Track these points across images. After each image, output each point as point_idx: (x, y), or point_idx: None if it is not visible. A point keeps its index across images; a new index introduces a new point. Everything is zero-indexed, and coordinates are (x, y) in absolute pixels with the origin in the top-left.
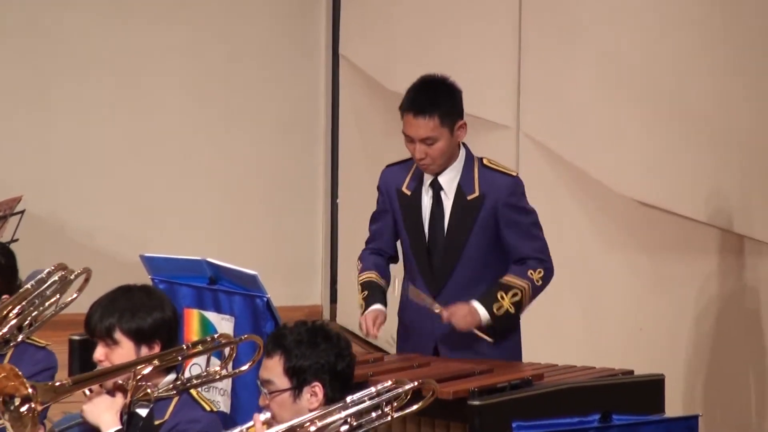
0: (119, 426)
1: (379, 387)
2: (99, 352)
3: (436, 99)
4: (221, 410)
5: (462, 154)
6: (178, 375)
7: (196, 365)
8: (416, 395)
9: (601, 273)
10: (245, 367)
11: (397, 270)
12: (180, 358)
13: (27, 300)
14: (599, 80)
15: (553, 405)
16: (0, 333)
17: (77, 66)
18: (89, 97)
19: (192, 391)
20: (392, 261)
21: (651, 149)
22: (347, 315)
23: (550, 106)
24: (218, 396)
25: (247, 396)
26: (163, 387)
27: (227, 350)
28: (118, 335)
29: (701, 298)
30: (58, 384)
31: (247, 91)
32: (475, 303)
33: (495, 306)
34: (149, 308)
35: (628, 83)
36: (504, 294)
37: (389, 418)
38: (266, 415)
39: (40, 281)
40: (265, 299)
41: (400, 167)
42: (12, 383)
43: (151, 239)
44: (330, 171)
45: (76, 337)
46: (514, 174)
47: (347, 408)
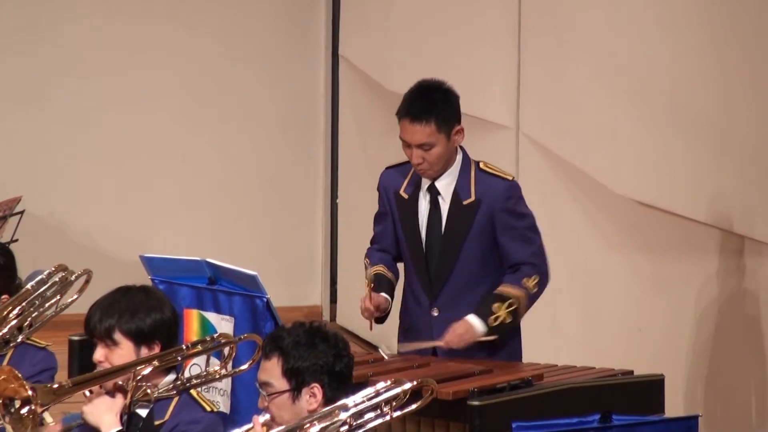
0: (119, 427)
1: (379, 387)
2: (99, 353)
3: (433, 105)
4: (221, 410)
5: (459, 159)
6: (178, 375)
7: (196, 365)
8: (416, 395)
9: (601, 273)
10: (245, 366)
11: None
12: (180, 359)
13: (27, 301)
14: (599, 80)
15: (553, 405)
16: (0, 333)
17: (77, 66)
18: (89, 97)
19: (192, 392)
20: (398, 260)
21: (651, 149)
22: (347, 315)
23: (550, 107)
24: (218, 396)
25: (247, 396)
26: (163, 387)
27: (227, 350)
28: (118, 336)
29: (701, 299)
30: (58, 386)
31: (247, 92)
32: (471, 318)
33: (491, 318)
34: (149, 309)
35: (628, 83)
36: (500, 305)
37: (388, 418)
38: (265, 417)
39: (41, 282)
40: (265, 299)
41: (399, 170)
42: (12, 385)
43: (151, 240)
44: (329, 171)
45: (76, 338)
46: (510, 178)
47: (346, 408)
